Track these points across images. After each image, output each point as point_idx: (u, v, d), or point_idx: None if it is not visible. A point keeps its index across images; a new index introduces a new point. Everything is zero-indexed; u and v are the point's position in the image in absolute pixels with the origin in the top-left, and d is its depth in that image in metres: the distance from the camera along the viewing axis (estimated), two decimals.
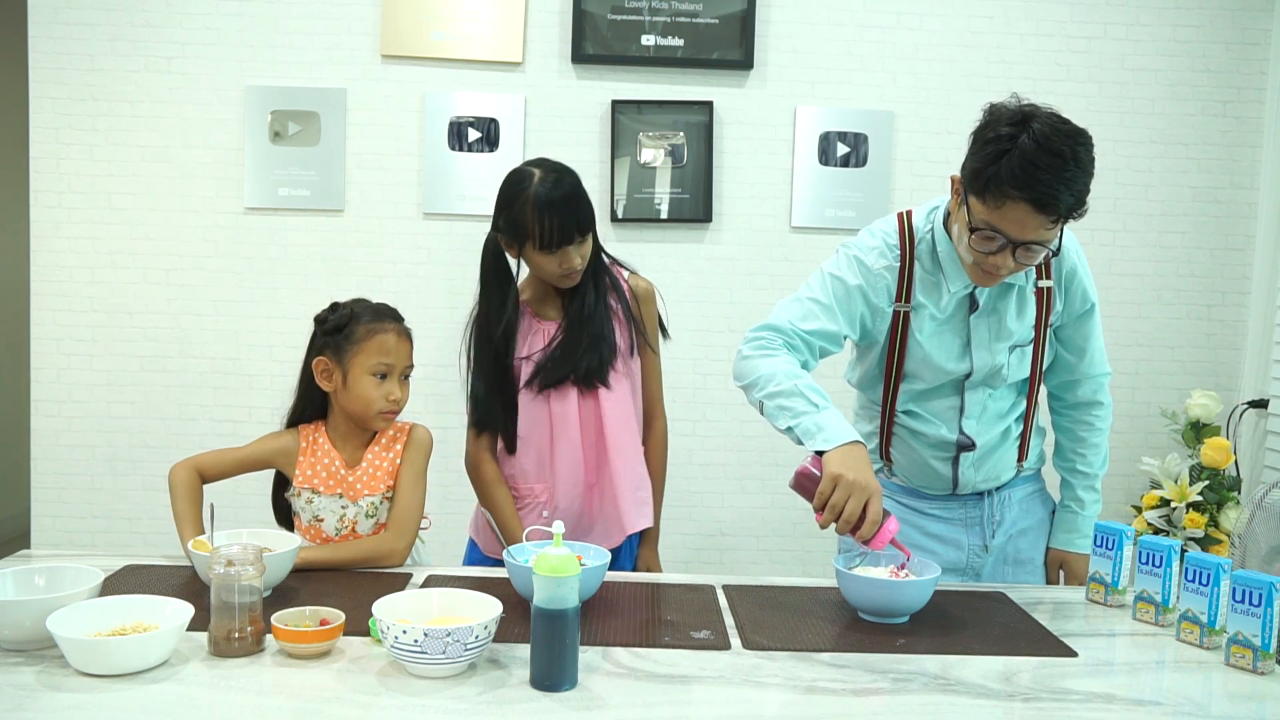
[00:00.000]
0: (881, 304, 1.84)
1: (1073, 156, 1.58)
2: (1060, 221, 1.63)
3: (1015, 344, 1.85)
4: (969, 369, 1.84)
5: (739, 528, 3.40)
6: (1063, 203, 1.59)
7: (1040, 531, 2.01)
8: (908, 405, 1.90)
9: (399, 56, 3.27)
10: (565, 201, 1.88)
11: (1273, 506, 1.68)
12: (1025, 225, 1.62)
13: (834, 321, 1.81)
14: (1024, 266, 1.70)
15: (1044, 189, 1.58)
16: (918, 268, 1.83)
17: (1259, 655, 1.44)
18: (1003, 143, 1.60)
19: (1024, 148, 1.58)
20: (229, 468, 1.90)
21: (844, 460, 1.61)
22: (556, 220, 1.87)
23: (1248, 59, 3.36)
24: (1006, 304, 1.83)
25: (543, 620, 1.30)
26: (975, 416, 1.88)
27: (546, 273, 1.96)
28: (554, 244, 1.89)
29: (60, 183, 3.26)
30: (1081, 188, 1.61)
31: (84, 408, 3.31)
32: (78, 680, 1.29)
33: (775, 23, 3.30)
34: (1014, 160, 1.58)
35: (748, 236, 3.35)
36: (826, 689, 1.35)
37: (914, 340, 1.84)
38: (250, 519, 1.85)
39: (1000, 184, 1.60)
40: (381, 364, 1.87)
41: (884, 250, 1.83)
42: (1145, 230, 3.40)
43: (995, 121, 1.64)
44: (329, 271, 3.30)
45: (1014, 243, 1.64)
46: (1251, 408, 3.29)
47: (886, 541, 1.63)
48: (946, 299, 1.82)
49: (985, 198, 1.63)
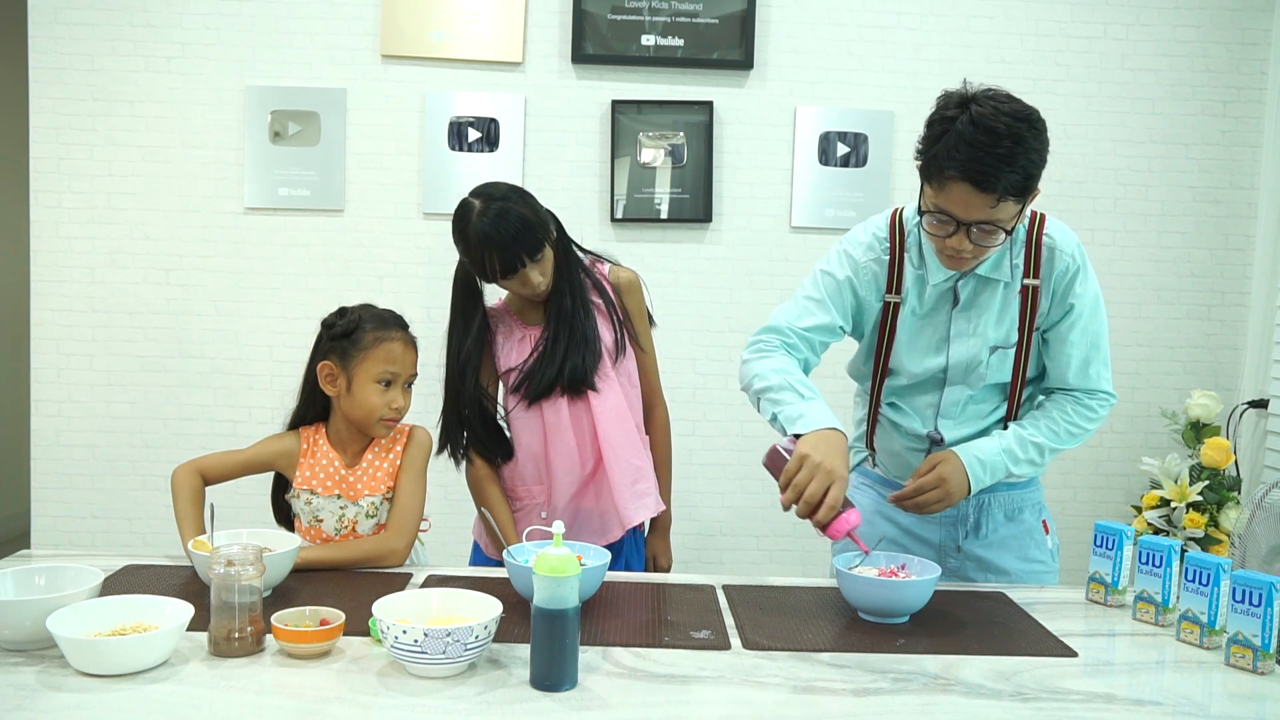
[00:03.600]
0: (869, 297, 1.86)
1: (1010, 134, 1.59)
2: (1004, 200, 1.62)
3: (997, 345, 1.83)
4: (944, 364, 1.84)
5: (739, 528, 3.40)
6: (1002, 180, 1.60)
7: (1024, 542, 1.95)
8: (891, 398, 1.91)
9: (399, 56, 3.27)
10: (503, 237, 1.89)
11: (1273, 506, 1.68)
12: (969, 205, 1.63)
13: (827, 314, 1.85)
14: (984, 249, 1.71)
15: (979, 167, 1.59)
16: (908, 261, 1.84)
17: (1259, 655, 1.44)
18: (944, 124, 1.64)
19: (960, 128, 1.61)
20: (231, 470, 1.90)
21: (816, 443, 1.65)
22: (497, 255, 1.90)
23: (1248, 59, 3.36)
24: (989, 301, 1.82)
25: (543, 620, 1.30)
26: (952, 416, 1.87)
27: (515, 293, 2.02)
28: (500, 276, 1.94)
29: (60, 183, 3.26)
30: (1026, 165, 1.61)
31: (84, 408, 3.31)
32: (78, 680, 1.29)
33: (775, 23, 3.30)
34: (951, 140, 1.61)
35: (748, 236, 3.35)
36: (826, 689, 1.35)
37: (900, 330, 1.86)
38: (250, 519, 1.85)
39: (940, 165, 1.63)
40: (387, 372, 1.87)
41: (873, 244, 1.86)
42: (1145, 230, 3.40)
43: (941, 107, 1.68)
44: (329, 271, 3.30)
45: (963, 224, 1.66)
46: (1251, 408, 3.29)
47: (844, 532, 1.63)
48: (929, 292, 1.83)
49: (931, 181, 1.67)
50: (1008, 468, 1.83)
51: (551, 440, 2.02)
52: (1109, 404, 1.88)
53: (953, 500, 1.80)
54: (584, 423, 2.02)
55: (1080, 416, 1.86)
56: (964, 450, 1.82)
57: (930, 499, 1.79)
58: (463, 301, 2.04)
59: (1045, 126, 1.65)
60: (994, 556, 1.94)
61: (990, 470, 1.81)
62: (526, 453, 2.04)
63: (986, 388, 1.86)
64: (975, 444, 1.84)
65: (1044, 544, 1.98)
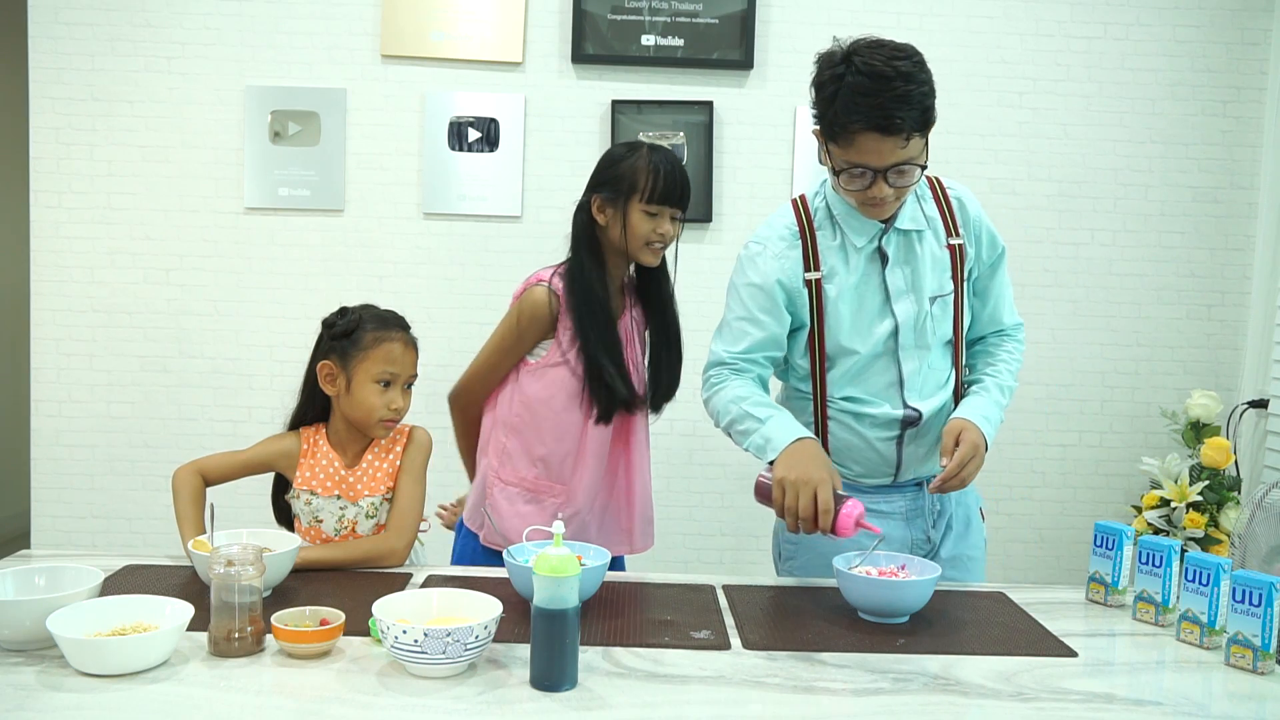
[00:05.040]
0: (797, 283, 1.84)
1: (898, 75, 1.64)
2: (912, 137, 1.67)
3: (935, 295, 1.84)
4: (894, 325, 1.82)
5: (739, 528, 3.39)
6: (905, 120, 1.64)
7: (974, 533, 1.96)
8: (845, 390, 1.85)
9: (399, 56, 3.27)
10: (677, 165, 1.93)
11: (1273, 506, 1.69)
12: (880, 152, 1.67)
13: (762, 328, 1.84)
14: (904, 189, 1.74)
15: (881, 113, 1.63)
16: (820, 237, 1.85)
17: (1259, 655, 1.44)
18: (834, 83, 1.68)
19: (851, 81, 1.65)
20: (232, 471, 1.90)
21: (788, 461, 1.68)
22: (666, 177, 1.90)
23: (1248, 59, 3.36)
24: (919, 253, 1.83)
25: (543, 620, 1.30)
26: (916, 389, 1.85)
27: (637, 235, 1.92)
28: (660, 197, 1.90)
29: (60, 183, 3.26)
30: (920, 100, 1.66)
31: (84, 408, 3.31)
32: (78, 680, 1.29)
33: (775, 23, 3.30)
34: (845, 96, 1.65)
35: (748, 236, 3.34)
36: (826, 689, 1.35)
37: (833, 310, 1.82)
38: (250, 519, 1.85)
39: (843, 122, 1.66)
40: (386, 373, 1.87)
41: (782, 233, 1.86)
42: (1145, 230, 3.40)
43: (822, 68, 1.72)
44: (329, 271, 3.30)
45: (878, 171, 1.69)
46: (1251, 408, 3.29)
47: (851, 525, 1.63)
48: (856, 258, 1.83)
49: (837, 140, 1.70)
50: (1000, 418, 1.86)
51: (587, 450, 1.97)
52: (1023, 333, 2.00)
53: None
54: (620, 441, 2.01)
55: (1018, 351, 1.97)
56: (968, 415, 1.81)
57: (971, 468, 1.75)
58: (588, 240, 1.96)
59: (924, 58, 1.70)
60: (972, 545, 1.95)
61: (994, 426, 1.83)
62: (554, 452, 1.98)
63: (936, 349, 1.86)
64: (966, 406, 1.84)
65: (980, 531, 1.99)
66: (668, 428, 3.34)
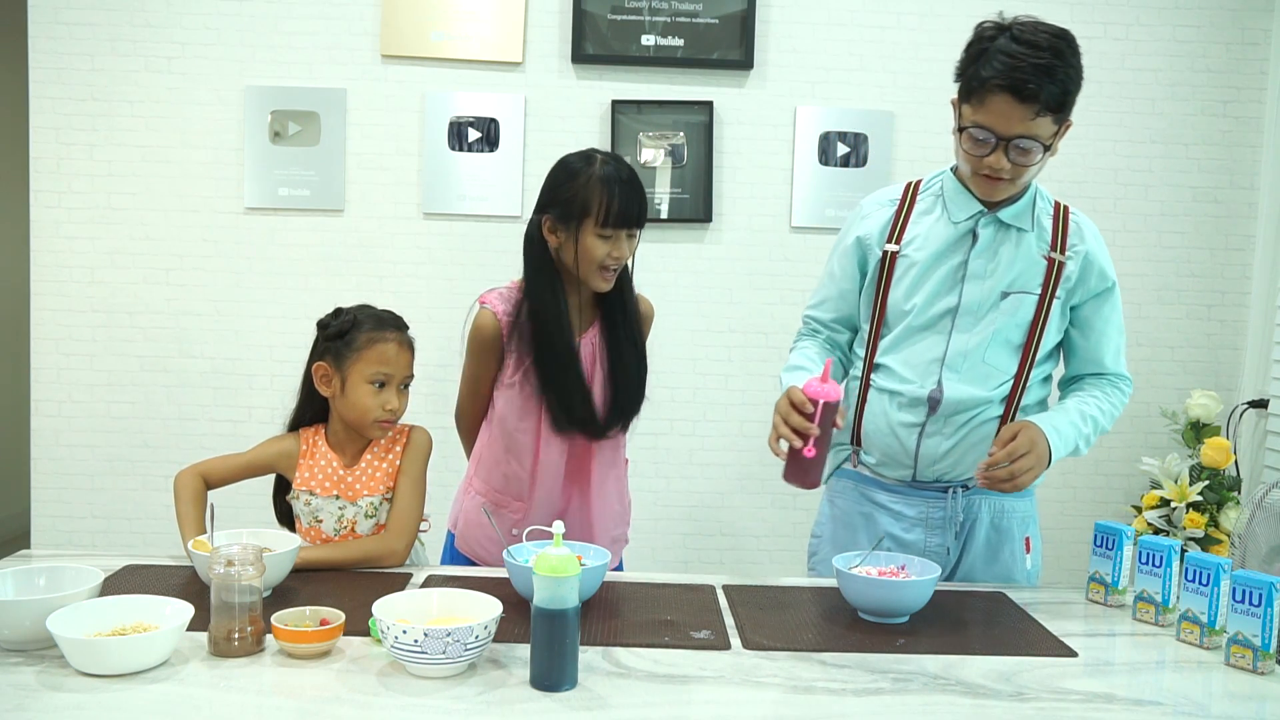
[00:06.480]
0: (873, 244, 1.89)
1: (1050, 48, 1.66)
2: (1043, 115, 1.67)
3: (1010, 290, 1.81)
4: (956, 304, 1.81)
5: (739, 528, 3.40)
6: (1044, 91, 1.65)
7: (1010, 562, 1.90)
8: (889, 357, 1.85)
9: (399, 56, 3.27)
10: (630, 183, 1.83)
11: (1273, 506, 1.69)
12: (1010, 117, 1.67)
13: (835, 283, 1.94)
14: (1022, 168, 1.73)
15: (1021, 75, 1.64)
16: (916, 211, 1.87)
17: (1259, 655, 1.44)
18: (982, 44, 1.70)
19: (1001, 44, 1.67)
20: (233, 473, 1.90)
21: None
22: (620, 198, 1.80)
23: (1248, 59, 3.36)
24: (1009, 248, 1.82)
25: (543, 620, 1.30)
26: (956, 368, 1.81)
27: (591, 258, 1.83)
28: (615, 220, 1.80)
29: (60, 183, 3.26)
30: (1064, 80, 1.66)
31: (84, 408, 3.31)
32: (78, 680, 1.29)
33: (775, 23, 3.30)
34: (992, 55, 1.67)
35: (747, 236, 3.35)
36: (826, 689, 1.35)
37: (903, 274, 1.85)
38: (250, 520, 1.85)
39: (981, 78, 1.68)
40: (380, 373, 1.86)
41: (880, 199, 1.94)
42: (1145, 230, 3.40)
43: (979, 33, 1.74)
44: (329, 271, 3.30)
45: (1002, 138, 1.69)
46: (1251, 408, 3.29)
47: (816, 386, 1.67)
48: (948, 230, 1.83)
49: (971, 98, 1.72)
50: (1076, 442, 1.80)
51: (541, 472, 1.93)
52: (1130, 390, 1.93)
53: (1039, 471, 1.71)
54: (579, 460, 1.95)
55: (1118, 399, 1.90)
56: (1034, 419, 1.77)
57: (1024, 465, 1.69)
58: (542, 264, 1.89)
59: (1079, 47, 1.70)
60: (987, 576, 1.90)
61: (1065, 441, 1.77)
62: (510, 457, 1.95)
63: (997, 344, 1.81)
64: (1042, 415, 1.80)
65: (1022, 564, 1.90)
66: (668, 428, 3.36)
